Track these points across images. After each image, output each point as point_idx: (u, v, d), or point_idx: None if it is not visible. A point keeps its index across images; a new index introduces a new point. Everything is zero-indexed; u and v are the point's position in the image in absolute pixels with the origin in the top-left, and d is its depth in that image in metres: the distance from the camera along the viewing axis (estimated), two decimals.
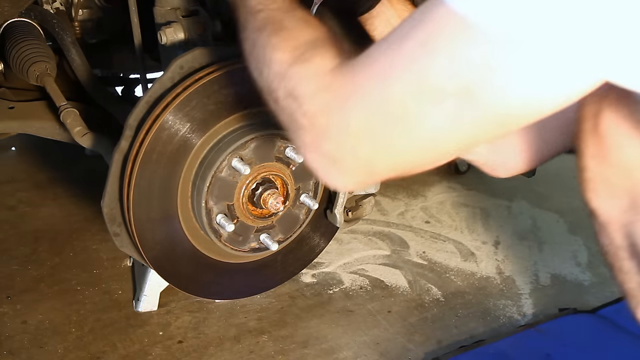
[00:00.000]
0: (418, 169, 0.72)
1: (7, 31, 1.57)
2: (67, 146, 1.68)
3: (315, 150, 0.72)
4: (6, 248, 1.97)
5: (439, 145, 0.68)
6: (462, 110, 0.62)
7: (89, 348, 1.54)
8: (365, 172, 0.72)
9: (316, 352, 1.56)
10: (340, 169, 0.72)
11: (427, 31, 0.62)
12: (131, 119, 1.29)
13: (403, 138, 0.67)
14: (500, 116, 0.63)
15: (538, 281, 1.86)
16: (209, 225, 1.35)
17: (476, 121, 0.64)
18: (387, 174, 0.72)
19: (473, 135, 0.66)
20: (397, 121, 0.66)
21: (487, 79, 0.59)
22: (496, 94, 0.60)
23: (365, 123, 0.67)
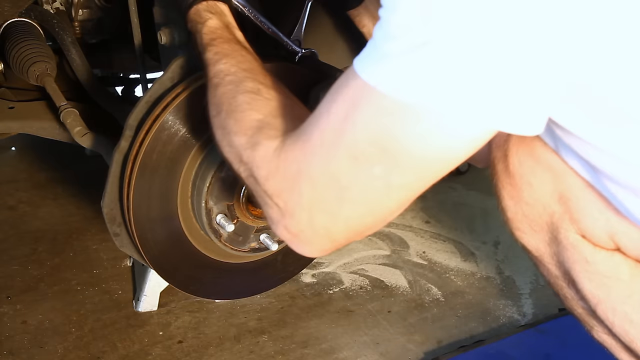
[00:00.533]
0: (374, 228, 0.78)
1: (7, 31, 1.57)
2: (67, 146, 1.68)
3: (279, 226, 0.79)
4: (6, 248, 1.97)
5: (383, 206, 0.73)
6: (390, 173, 0.68)
7: (89, 348, 1.55)
8: (326, 241, 0.77)
9: (316, 352, 1.56)
10: (304, 241, 0.78)
11: (345, 105, 0.68)
12: (131, 119, 1.29)
13: (349, 205, 0.72)
14: (421, 172, 0.69)
15: (538, 281, 1.86)
16: (209, 225, 1.35)
17: (404, 180, 0.70)
18: (345, 239, 0.78)
19: (406, 192, 0.72)
20: (340, 191, 0.71)
21: (401, 143, 0.65)
22: (412, 155, 0.66)
23: (314, 197, 0.73)
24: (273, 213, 0.79)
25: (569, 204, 0.80)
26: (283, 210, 0.77)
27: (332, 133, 0.70)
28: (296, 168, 0.74)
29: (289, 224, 0.77)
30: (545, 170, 0.81)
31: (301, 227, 0.76)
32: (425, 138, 0.64)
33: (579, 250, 0.81)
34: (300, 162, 0.74)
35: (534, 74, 0.60)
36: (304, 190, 0.73)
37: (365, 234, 0.78)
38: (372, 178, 0.69)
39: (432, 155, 0.66)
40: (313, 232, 0.76)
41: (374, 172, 0.68)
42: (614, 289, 0.79)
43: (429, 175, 0.70)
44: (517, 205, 0.86)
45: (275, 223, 0.79)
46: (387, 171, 0.68)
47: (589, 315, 0.87)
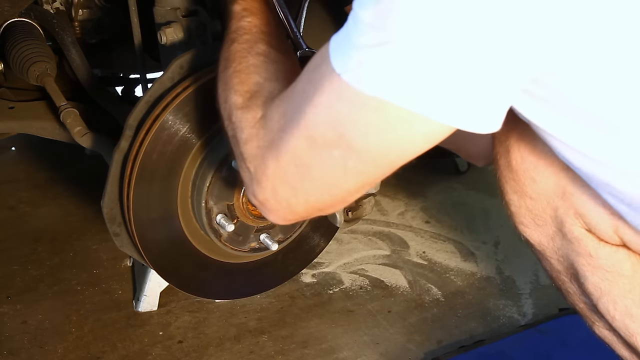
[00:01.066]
0: (334, 207, 0.81)
1: (7, 31, 1.57)
2: (67, 146, 1.68)
3: (249, 190, 0.83)
4: (6, 248, 1.97)
5: (340, 187, 0.76)
6: (347, 158, 0.71)
7: (89, 348, 1.54)
8: (288, 212, 0.82)
9: (316, 352, 1.56)
10: (268, 209, 0.82)
11: (313, 86, 0.71)
12: (131, 119, 1.29)
13: (309, 183, 0.76)
14: (377, 161, 0.72)
15: (538, 281, 1.86)
16: (209, 225, 1.35)
17: (360, 166, 0.72)
18: (306, 212, 0.82)
19: (363, 177, 0.75)
20: (301, 169, 0.75)
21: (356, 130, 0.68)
22: (368, 144, 0.69)
23: (278, 170, 0.77)
24: (245, 177, 0.84)
25: (573, 199, 0.80)
26: (252, 176, 0.81)
27: (298, 111, 0.73)
28: (270, 138, 0.78)
29: (256, 191, 0.81)
30: (547, 165, 0.82)
31: (266, 196, 0.80)
32: (382, 131, 0.67)
33: (583, 244, 0.81)
34: (271, 133, 0.78)
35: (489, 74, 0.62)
36: (270, 161, 0.77)
37: (326, 211, 0.82)
38: (330, 160, 0.72)
39: (388, 147, 0.69)
40: (276, 203, 0.80)
41: (332, 155, 0.71)
42: (615, 283, 0.80)
43: (384, 164, 0.73)
44: (520, 199, 0.87)
45: (247, 187, 0.84)
46: (343, 156, 0.71)
47: (591, 310, 0.87)
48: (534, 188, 0.84)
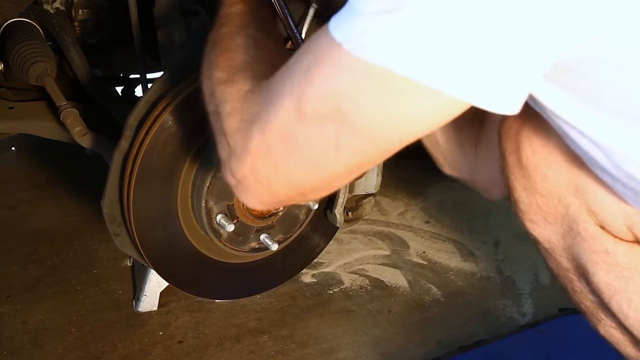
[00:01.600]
0: (317, 192, 0.76)
1: (7, 31, 1.57)
2: (67, 146, 1.68)
3: (226, 167, 0.78)
4: (6, 248, 1.97)
5: (329, 168, 0.71)
6: (341, 134, 0.66)
7: (89, 348, 1.54)
8: (267, 193, 0.76)
9: (316, 352, 1.56)
10: (245, 189, 0.77)
11: (310, 58, 0.66)
12: (131, 119, 1.29)
13: (294, 160, 0.71)
14: (374, 139, 0.67)
15: (538, 281, 1.86)
16: (209, 225, 1.35)
17: (355, 144, 0.67)
18: (286, 195, 0.76)
19: (356, 158, 0.69)
20: (287, 144, 0.70)
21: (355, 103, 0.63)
22: (367, 119, 0.64)
23: (261, 144, 0.72)
24: (224, 152, 0.79)
25: (586, 196, 0.79)
26: (232, 151, 0.76)
27: (291, 84, 0.68)
28: (254, 111, 0.74)
29: (234, 167, 0.76)
30: (560, 161, 0.80)
31: (244, 173, 0.75)
32: (384, 104, 0.62)
33: (599, 241, 0.79)
34: (258, 106, 0.73)
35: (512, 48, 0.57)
36: (254, 134, 0.72)
37: (307, 196, 0.77)
38: (322, 136, 0.67)
39: (389, 124, 0.64)
40: (255, 181, 0.75)
41: (324, 130, 0.66)
42: (632, 280, 0.79)
43: (382, 145, 0.68)
44: (530, 196, 0.84)
45: (223, 164, 0.79)
46: (337, 132, 0.66)
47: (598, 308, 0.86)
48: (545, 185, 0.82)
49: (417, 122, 0.64)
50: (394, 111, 0.63)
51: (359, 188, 1.56)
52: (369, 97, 0.62)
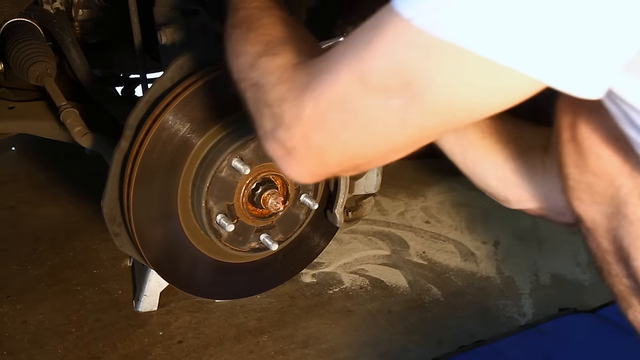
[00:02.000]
0: (371, 164, 0.75)
1: (7, 31, 1.57)
2: (67, 146, 1.68)
3: (271, 138, 0.76)
4: (6, 248, 1.97)
5: (390, 141, 0.70)
6: (407, 109, 0.64)
7: (89, 348, 1.54)
8: (317, 161, 0.74)
9: (316, 352, 1.56)
10: (295, 159, 0.74)
11: (374, 32, 0.65)
12: (131, 119, 1.29)
13: (352, 132, 0.69)
14: (443, 115, 0.65)
15: (538, 281, 1.86)
16: (209, 225, 1.35)
17: (421, 119, 0.66)
18: (339, 166, 0.74)
19: (420, 132, 0.68)
20: (345, 115, 0.68)
21: (427, 80, 0.62)
22: (439, 96, 0.63)
23: (315, 114, 0.70)
24: (267, 124, 0.76)
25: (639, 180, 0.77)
26: (279, 121, 0.74)
27: (353, 57, 0.67)
28: (306, 80, 0.72)
29: (283, 137, 0.74)
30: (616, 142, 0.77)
31: (295, 143, 0.73)
32: (458, 82, 0.61)
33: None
34: (311, 75, 0.72)
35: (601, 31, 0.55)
36: (307, 104, 0.70)
37: (360, 168, 0.76)
38: (386, 110, 0.66)
39: (460, 101, 0.63)
40: (306, 150, 0.73)
41: (389, 104, 0.65)
42: None
43: (450, 120, 0.66)
44: (581, 174, 0.81)
45: (268, 135, 0.76)
46: (405, 106, 0.64)
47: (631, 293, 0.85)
48: (598, 164, 0.79)
49: (491, 101, 0.63)
50: (469, 90, 0.61)
51: (359, 188, 1.56)
52: (444, 75, 0.61)
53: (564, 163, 0.82)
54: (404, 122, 0.66)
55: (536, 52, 0.56)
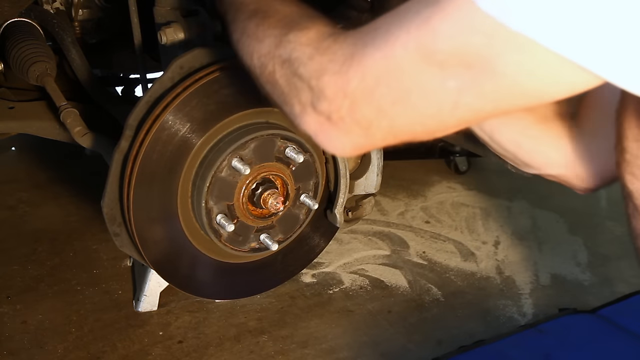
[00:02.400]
0: (417, 138, 0.73)
1: (7, 31, 1.57)
2: (67, 146, 1.68)
3: (311, 111, 0.73)
4: (6, 248, 1.97)
5: (440, 120, 0.68)
6: (463, 92, 0.63)
7: (89, 348, 1.55)
8: (362, 134, 0.72)
9: (316, 352, 1.56)
10: (338, 129, 0.72)
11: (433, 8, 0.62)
12: (131, 119, 1.29)
13: (402, 108, 0.67)
14: (499, 102, 0.64)
15: (538, 281, 1.86)
16: (209, 225, 1.35)
17: (476, 103, 0.64)
18: (383, 141, 0.73)
19: (472, 115, 0.67)
20: (396, 91, 0.66)
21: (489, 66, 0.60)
22: (498, 84, 0.61)
23: (362, 86, 0.68)
24: (305, 97, 0.73)
25: None
26: (319, 94, 0.71)
27: (408, 31, 0.64)
28: (350, 52, 0.69)
29: (327, 109, 0.71)
30: None
31: (342, 114, 0.70)
32: (522, 72, 0.59)
33: None
34: (357, 47, 0.68)
35: None
36: (353, 77, 0.68)
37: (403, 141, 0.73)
38: (442, 90, 0.64)
39: (521, 90, 0.62)
40: (352, 123, 0.71)
41: (445, 85, 0.63)
42: None
43: (505, 106, 0.65)
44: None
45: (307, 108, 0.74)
46: (462, 89, 0.63)
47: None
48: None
49: (552, 93, 0.62)
50: (531, 81, 0.60)
51: (359, 188, 1.56)
52: (508, 64, 0.59)
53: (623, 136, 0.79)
54: (457, 104, 0.64)
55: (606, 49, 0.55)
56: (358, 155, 1.55)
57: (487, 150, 1.67)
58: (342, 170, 1.47)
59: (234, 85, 1.30)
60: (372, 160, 1.52)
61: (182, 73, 1.29)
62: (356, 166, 1.56)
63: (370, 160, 1.52)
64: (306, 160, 1.38)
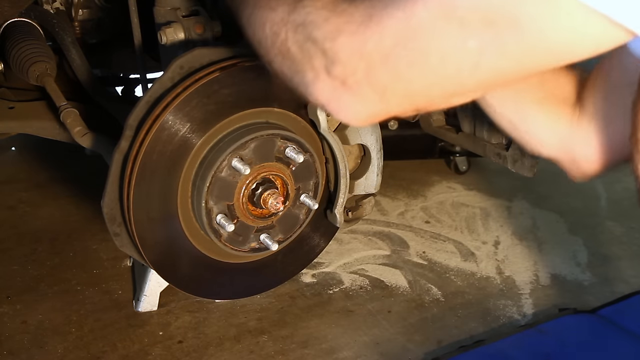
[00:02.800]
0: (432, 106, 0.71)
1: (7, 31, 1.57)
2: (67, 146, 1.68)
3: (324, 77, 0.71)
4: (6, 248, 1.97)
5: (457, 83, 0.67)
6: (485, 51, 0.61)
7: (89, 348, 1.55)
8: (377, 100, 0.70)
9: (316, 352, 1.56)
10: (352, 94, 0.70)
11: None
12: (131, 119, 1.29)
13: (420, 70, 0.65)
14: (523, 61, 0.62)
15: (538, 281, 1.86)
16: (209, 225, 1.35)
17: (498, 63, 0.63)
18: (399, 106, 0.71)
19: (492, 77, 0.65)
20: (413, 53, 0.65)
21: (513, 21, 0.59)
22: (523, 40, 0.59)
23: (379, 49, 0.66)
24: (318, 62, 0.71)
25: None
26: (334, 57, 0.69)
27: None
28: (368, 13, 0.67)
29: (342, 73, 0.69)
30: None
31: (357, 78, 0.68)
32: (547, 26, 0.58)
33: None
34: (375, 8, 0.67)
35: None
36: (370, 38, 0.66)
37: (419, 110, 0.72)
38: (462, 50, 0.62)
39: (545, 47, 0.60)
40: (367, 87, 0.68)
41: (466, 44, 0.61)
42: None
43: (527, 67, 0.63)
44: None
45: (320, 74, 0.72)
46: (483, 48, 0.61)
47: None
48: None
49: (577, 50, 0.60)
50: (557, 36, 0.58)
51: (359, 188, 1.56)
52: (533, 18, 0.58)
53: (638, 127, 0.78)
54: (478, 65, 0.63)
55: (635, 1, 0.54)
56: (358, 155, 1.55)
57: (487, 150, 1.68)
58: (342, 170, 1.47)
59: (234, 85, 1.30)
60: (372, 160, 1.52)
61: (182, 73, 1.29)
62: (356, 166, 1.56)
63: (370, 160, 1.52)
64: (306, 160, 1.38)
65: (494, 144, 1.64)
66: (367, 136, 1.49)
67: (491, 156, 1.67)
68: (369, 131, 1.48)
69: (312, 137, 1.45)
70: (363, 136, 1.49)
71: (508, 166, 1.62)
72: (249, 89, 1.33)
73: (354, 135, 1.48)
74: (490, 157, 1.67)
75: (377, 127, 1.50)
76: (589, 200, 2.36)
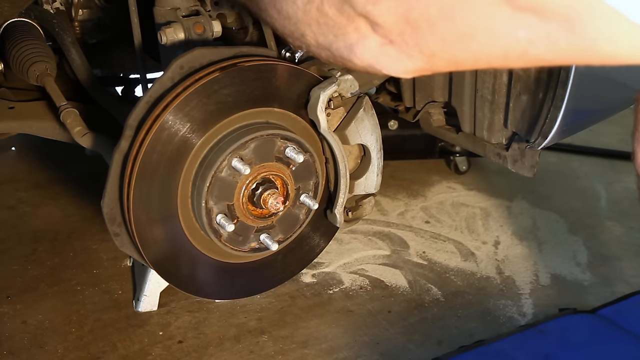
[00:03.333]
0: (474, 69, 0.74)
1: (7, 31, 1.57)
2: (67, 146, 1.68)
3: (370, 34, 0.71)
4: (6, 248, 1.97)
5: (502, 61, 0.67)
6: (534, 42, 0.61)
7: (89, 348, 1.55)
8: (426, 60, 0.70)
9: (316, 352, 1.56)
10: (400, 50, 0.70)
11: None
12: (131, 119, 1.29)
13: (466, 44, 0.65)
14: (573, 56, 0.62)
15: (538, 281, 1.86)
16: (209, 225, 1.35)
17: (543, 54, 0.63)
18: (446, 68, 0.72)
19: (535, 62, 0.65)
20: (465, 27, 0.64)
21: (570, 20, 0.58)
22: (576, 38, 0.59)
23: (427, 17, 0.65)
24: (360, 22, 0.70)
25: None
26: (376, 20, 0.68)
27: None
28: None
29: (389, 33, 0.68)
30: None
31: (405, 39, 0.68)
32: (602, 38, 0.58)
33: None
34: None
35: None
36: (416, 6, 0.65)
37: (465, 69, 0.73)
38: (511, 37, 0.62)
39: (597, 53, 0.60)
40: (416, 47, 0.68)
41: (516, 33, 0.61)
42: None
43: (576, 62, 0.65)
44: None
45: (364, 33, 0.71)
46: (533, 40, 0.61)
47: None
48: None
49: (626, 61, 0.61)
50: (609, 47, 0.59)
51: (359, 188, 1.56)
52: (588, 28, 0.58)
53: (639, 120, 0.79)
54: (526, 52, 0.63)
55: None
56: (358, 155, 1.55)
57: (487, 150, 1.67)
58: (342, 170, 1.47)
59: (234, 85, 1.31)
60: (372, 160, 1.52)
61: (182, 73, 1.30)
62: (356, 166, 1.56)
63: (370, 160, 1.52)
64: (306, 160, 1.38)
65: (494, 144, 1.64)
66: (367, 136, 1.49)
67: (491, 156, 1.67)
68: (369, 131, 1.48)
69: (312, 137, 1.45)
70: (363, 136, 1.49)
71: (508, 166, 1.62)
72: (248, 89, 1.33)
73: (354, 135, 1.48)
74: (490, 157, 1.67)
75: (377, 127, 1.50)
76: (589, 200, 2.36)
